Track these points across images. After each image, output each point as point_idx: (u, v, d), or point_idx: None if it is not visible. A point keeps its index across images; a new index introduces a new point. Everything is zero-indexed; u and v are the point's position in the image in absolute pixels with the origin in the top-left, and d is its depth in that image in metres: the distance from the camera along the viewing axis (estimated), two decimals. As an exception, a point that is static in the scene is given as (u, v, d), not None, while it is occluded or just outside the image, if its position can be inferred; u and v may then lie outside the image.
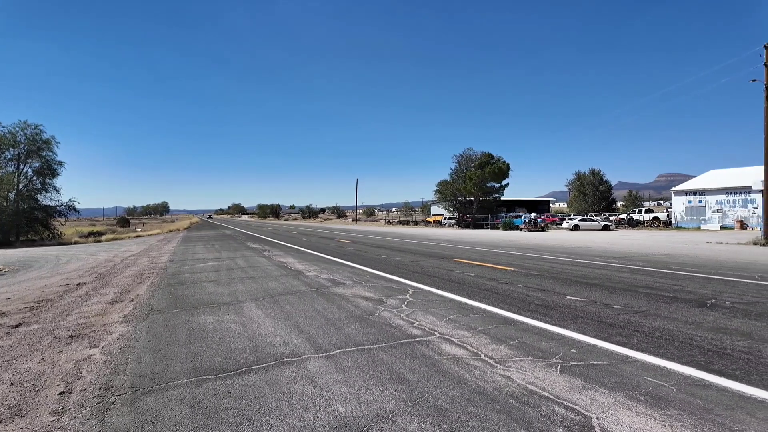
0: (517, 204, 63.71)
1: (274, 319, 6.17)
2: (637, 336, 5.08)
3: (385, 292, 8.04)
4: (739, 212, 36.26)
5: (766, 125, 20.81)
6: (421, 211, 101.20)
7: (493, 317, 6.10)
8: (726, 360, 4.24)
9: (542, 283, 8.96)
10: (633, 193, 77.96)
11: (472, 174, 50.07)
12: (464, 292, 7.95)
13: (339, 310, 6.64)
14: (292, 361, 4.38)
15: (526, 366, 4.14)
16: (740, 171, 39.37)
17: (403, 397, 3.46)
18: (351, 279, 9.78)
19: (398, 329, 5.49)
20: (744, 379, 3.74)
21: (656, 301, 7.01)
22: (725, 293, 7.69)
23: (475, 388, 3.64)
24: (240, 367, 4.26)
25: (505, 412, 3.19)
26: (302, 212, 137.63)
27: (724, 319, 5.85)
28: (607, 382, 3.73)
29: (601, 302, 7.00)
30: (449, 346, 4.77)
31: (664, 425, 2.96)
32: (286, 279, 10.01)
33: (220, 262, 13.97)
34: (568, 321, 5.82)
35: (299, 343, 4.96)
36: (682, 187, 42.44)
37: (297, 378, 3.93)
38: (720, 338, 4.95)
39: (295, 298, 7.68)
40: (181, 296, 8.15)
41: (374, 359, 4.36)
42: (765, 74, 20.74)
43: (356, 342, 4.95)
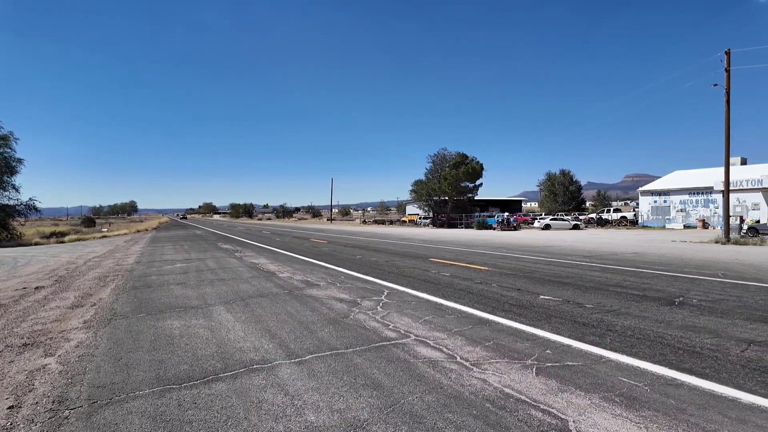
0: (491, 203, 64.54)
1: (244, 323, 5.95)
2: (610, 335, 5.13)
3: (360, 294, 7.91)
4: (702, 212, 37.72)
5: (726, 128, 21.68)
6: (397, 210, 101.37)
7: (469, 318, 6.06)
8: (696, 358, 4.31)
9: (516, 283, 9.02)
10: (601, 193, 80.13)
11: (447, 174, 50.42)
12: (439, 293, 7.91)
13: (312, 312, 6.47)
14: (263, 367, 4.21)
15: (502, 368, 4.09)
16: (703, 172, 40.96)
17: (378, 404, 3.35)
18: (325, 280, 9.61)
19: (373, 332, 5.38)
20: (714, 378, 3.80)
21: (627, 300, 7.13)
22: (692, 291, 7.90)
23: (452, 392, 3.56)
24: (207, 375, 4.06)
25: (482, 418, 3.12)
26: (276, 212, 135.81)
27: (692, 317, 5.98)
28: (583, 383, 3.71)
29: (573, 301, 7.07)
30: (425, 349, 4.69)
31: (640, 427, 2.95)
32: (258, 281, 9.75)
33: (190, 264, 13.54)
34: (542, 321, 5.84)
35: (270, 349, 4.78)
36: (648, 187, 43.87)
37: (267, 386, 3.76)
38: (689, 336, 5.04)
39: (267, 300, 7.47)
40: (147, 300, 7.81)
41: (348, 364, 4.24)
42: (725, 79, 21.59)
43: (330, 346, 4.81)
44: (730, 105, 21.56)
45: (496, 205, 64.79)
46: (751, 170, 35.11)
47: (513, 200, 75.81)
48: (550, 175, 68.58)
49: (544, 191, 69.15)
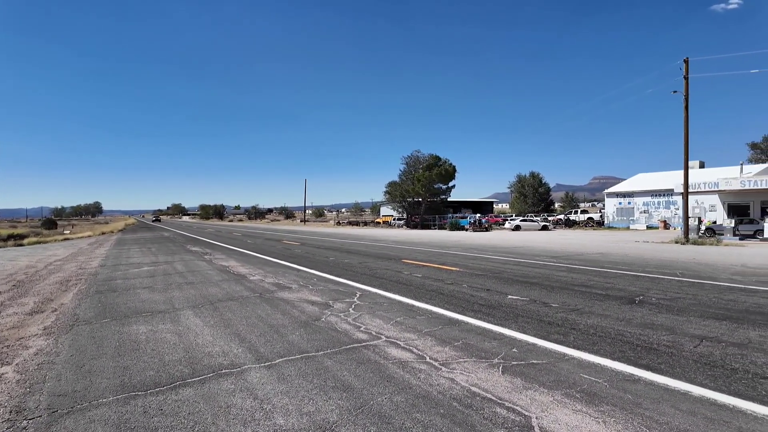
0: (463, 205, 65.38)
1: (213, 327, 5.87)
2: (574, 333, 5.31)
3: (332, 296, 7.91)
4: (663, 213, 39.29)
5: (685, 133, 22.67)
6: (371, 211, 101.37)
7: (439, 318, 6.16)
8: (653, 354, 4.51)
9: (486, 283, 9.20)
10: (569, 194, 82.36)
11: (420, 176, 50.80)
12: (411, 294, 7.99)
13: (283, 316, 6.44)
14: (231, 372, 4.18)
15: (469, 367, 4.19)
16: (664, 174, 42.65)
17: (347, 406, 3.38)
18: (297, 283, 9.55)
19: (344, 334, 5.40)
20: (668, 373, 3.99)
21: (591, 299, 7.38)
22: (651, 290, 8.24)
23: (420, 392, 3.63)
24: (174, 380, 4.00)
25: (449, 416, 3.19)
26: (248, 213, 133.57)
27: (651, 315, 6.25)
28: (546, 380, 3.84)
29: (540, 301, 7.27)
30: (395, 350, 4.74)
31: (598, 422, 3.09)
32: (228, 284, 9.61)
33: (157, 267, 13.20)
34: (509, 320, 5.99)
35: (239, 353, 4.74)
36: (614, 189, 45.37)
37: (236, 390, 3.74)
38: (647, 333, 5.28)
39: (237, 304, 7.38)
40: (112, 305, 7.59)
41: (319, 367, 4.25)
42: (684, 86, 22.58)
43: (300, 349, 4.81)
44: (688, 111, 22.56)
45: (468, 207, 65.69)
46: (708, 173, 36.82)
47: (485, 202, 77.05)
48: (521, 177, 70.04)
49: (515, 193, 70.55)
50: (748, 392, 3.56)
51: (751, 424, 3.04)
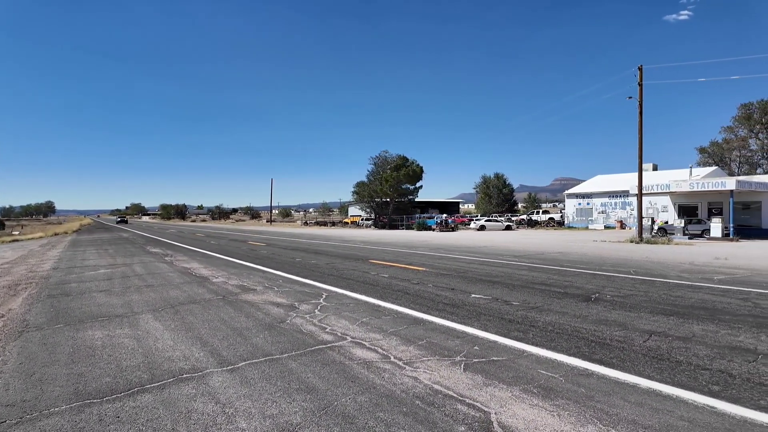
0: (430, 205, 66.14)
1: (173, 331, 5.73)
2: (533, 331, 5.50)
3: (298, 297, 7.86)
4: (619, 213, 41.03)
5: (639, 137, 23.78)
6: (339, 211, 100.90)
7: (405, 318, 6.24)
8: (606, 349, 4.74)
9: (451, 282, 9.37)
10: (532, 195, 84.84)
11: (388, 176, 51.02)
12: (378, 294, 8.04)
13: (247, 318, 6.35)
14: (193, 376, 4.10)
15: (432, 365, 4.27)
16: (621, 176, 44.50)
17: (311, 408, 3.39)
18: (262, 284, 9.43)
19: (309, 336, 5.39)
20: (619, 367, 4.21)
21: (550, 297, 7.65)
22: (607, 288, 8.63)
23: (384, 391, 3.68)
24: (132, 387, 3.89)
25: (411, 415, 3.26)
26: (212, 213, 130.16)
27: (605, 311, 6.55)
28: (506, 377, 3.97)
29: (502, 299, 7.48)
30: (360, 350, 4.78)
31: (553, 415, 3.22)
32: (190, 286, 9.37)
33: (115, 269, 12.71)
34: (472, 319, 6.14)
35: (201, 357, 4.65)
36: (574, 190, 47.00)
37: (197, 395, 3.67)
38: (601, 329, 5.53)
39: (199, 307, 7.22)
40: (65, 309, 7.26)
41: (283, 369, 4.23)
42: (639, 93, 23.68)
43: (264, 352, 4.77)
44: (642, 116, 23.67)
45: (435, 207, 66.51)
46: (661, 176, 38.74)
47: (451, 202, 78.22)
48: (486, 178, 71.50)
49: (480, 194, 71.96)
50: (690, 383, 3.80)
51: (692, 412, 3.26)
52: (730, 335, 5.23)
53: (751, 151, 50.94)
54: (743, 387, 3.71)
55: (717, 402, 3.41)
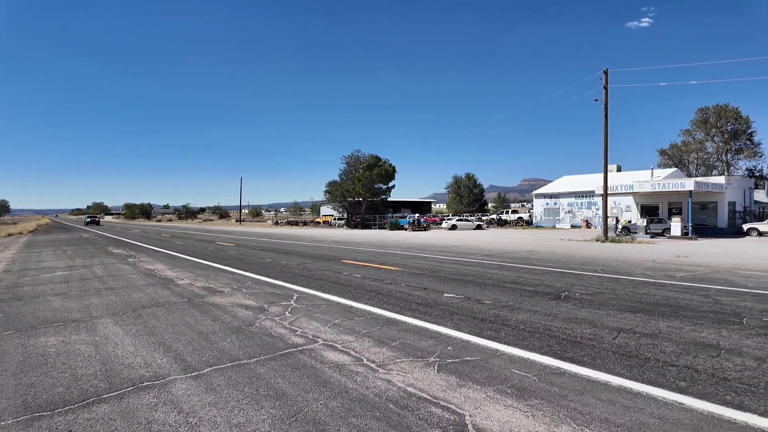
0: (403, 205, 66.36)
1: (135, 336, 5.44)
2: (505, 329, 5.51)
3: (267, 299, 7.65)
4: (585, 213, 42.22)
5: (605, 139, 24.49)
6: (311, 211, 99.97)
7: (377, 319, 6.14)
8: (577, 347, 4.78)
9: (423, 282, 9.34)
10: (501, 195, 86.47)
11: (361, 175, 50.84)
12: (350, 295, 7.92)
13: (214, 321, 6.11)
14: (154, 384, 3.88)
15: (406, 367, 4.20)
16: (587, 177, 45.81)
17: (281, 415, 3.25)
18: (230, 286, 9.14)
19: (279, 339, 5.22)
20: (590, 364, 4.24)
21: (521, 295, 7.72)
22: (575, 286, 8.78)
23: (356, 395, 3.57)
24: (87, 396, 3.64)
25: (384, 419, 3.16)
26: (178, 212, 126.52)
27: (575, 309, 6.65)
28: (479, 377, 3.94)
29: (474, 298, 7.49)
30: (332, 353, 4.65)
31: (527, 416, 3.20)
32: (154, 289, 8.99)
33: (73, 272, 12.09)
34: (445, 318, 6.10)
35: (164, 363, 4.42)
36: (541, 190, 48.07)
37: (158, 404, 3.47)
38: (572, 327, 5.59)
39: (163, 310, 6.91)
40: (16, 314, 6.82)
41: (251, 375, 4.06)
42: (604, 96, 24.38)
43: (231, 357, 4.57)
44: (608, 118, 24.38)
45: (408, 207, 66.78)
46: (625, 176, 40.06)
47: (423, 202, 78.74)
48: (457, 178, 72.33)
49: (452, 193, 72.74)
50: (658, 379, 3.86)
51: (662, 409, 3.29)
52: (694, 331, 5.38)
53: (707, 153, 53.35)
54: (709, 382, 3.79)
55: (685, 398, 3.47)
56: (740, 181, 34.41)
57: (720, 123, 50.96)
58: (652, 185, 28.77)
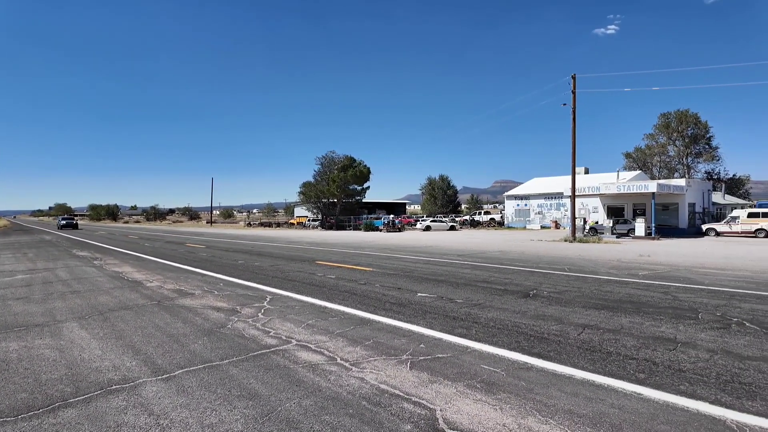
0: (378, 206, 66.46)
1: (102, 340, 5.32)
2: (476, 327, 5.65)
3: (240, 301, 7.58)
4: (555, 214, 43.31)
5: (573, 142, 25.22)
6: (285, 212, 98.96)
7: (351, 319, 6.19)
8: (544, 343, 4.95)
9: (397, 282, 9.43)
10: (474, 196, 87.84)
11: (335, 176, 50.66)
12: (324, 296, 7.93)
13: (185, 324, 6.02)
14: (123, 387, 3.82)
15: (379, 365, 4.26)
16: (556, 179, 47.01)
17: (253, 414, 3.26)
18: (201, 288, 9.00)
19: (252, 340, 5.20)
20: (556, 359, 4.41)
21: (491, 294, 7.91)
22: (544, 284, 9.05)
23: (330, 394, 3.61)
24: (53, 402, 3.55)
25: (358, 416, 3.22)
26: (146, 213, 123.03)
27: (543, 307, 6.86)
28: (450, 373, 4.04)
29: (446, 297, 7.63)
30: (306, 353, 4.67)
31: (496, 409, 3.31)
32: (122, 291, 8.77)
33: (35, 275, 11.63)
34: (418, 317, 6.20)
35: (133, 366, 4.35)
36: (512, 192, 49.04)
37: (128, 407, 3.42)
38: (539, 324, 5.78)
39: (132, 313, 6.76)
40: (-27, 320, 6.53)
41: (223, 376, 4.04)
42: (572, 100, 25.11)
43: (203, 359, 4.54)
44: (576, 122, 25.12)
45: (382, 208, 66.92)
46: (592, 179, 41.31)
47: (398, 203, 79.07)
48: (431, 180, 73.02)
49: (426, 195, 73.39)
50: (619, 372, 4.05)
51: (621, 399, 3.47)
52: (653, 326, 5.64)
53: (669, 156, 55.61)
54: (665, 374, 4.01)
55: (643, 389, 3.65)
56: (699, 183, 36.03)
57: (681, 128, 53.23)
58: (617, 187, 29.80)
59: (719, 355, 4.50)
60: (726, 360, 4.36)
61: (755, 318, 6.04)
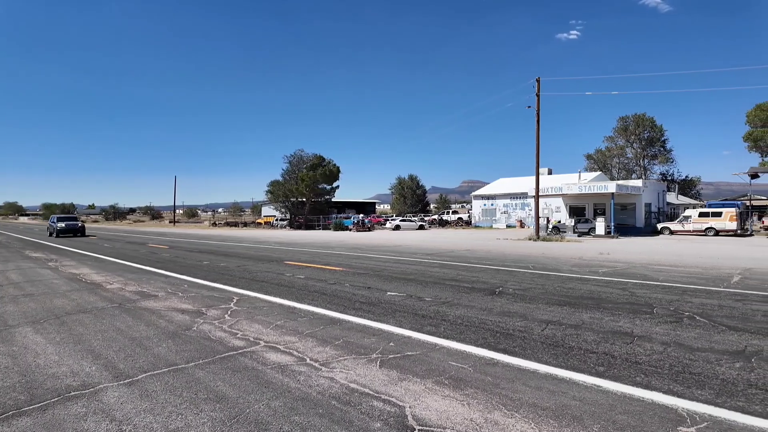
0: (347, 205, 66.28)
1: (59, 345, 5.09)
2: (444, 324, 5.74)
3: (205, 303, 7.41)
4: (519, 213, 44.45)
5: (537, 143, 25.93)
6: (252, 212, 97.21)
7: (321, 319, 6.17)
8: (509, 339, 5.09)
9: (367, 281, 9.46)
10: (443, 196, 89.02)
11: (304, 175, 50.19)
12: (293, 296, 7.86)
13: (148, 327, 5.84)
14: (83, 393, 3.67)
15: (349, 365, 4.27)
16: (521, 180, 48.19)
17: (221, 417, 3.21)
18: (165, 290, 8.74)
19: (219, 342, 5.10)
20: (521, 354, 4.55)
21: (459, 292, 8.05)
22: (509, 282, 9.28)
23: (299, 394, 3.60)
24: (5, 410, 3.38)
25: (327, 416, 3.22)
26: (105, 213, 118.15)
27: (508, 304, 7.05)
28: (419, 370, 4.10)
29: (416, 296, 7.71)
30: (274, 354, 4.63)
31: (464, 404, 3.39)
32: (80, 294, 8.41)
33: (-17, 278, 10.99)
34: (388, 316, 6.25)
35: (93, 371, 4.19)
36: (479, 192, 50.00)
37: (88, 414, 3.30)
38: (505, 321, 5.94)
39: (91, 317, 6.50)
40: None
41: (189, 379, 3.95)
42: (537, 103, 25.82)
43: (168, 362, 4.42)
44: (540, 124, 25.85)
45: (352, 207, 66.77)
46: (555, 179, 42.62)
47: (368, 202, 79.11)
48: (401, 179, 73.50)
49: (395, 194, 73.80)
50: (580, 366, 4.21)
51: (582, 392, 3.61)
52: (612, 321, 5.90)
53: (627, 158, 58.03)
54: (623, 366, 4.20)
55: (602, 381, 3.82)
56: (655, 184, 37.79)
57: (638, 131, 55.66)
58: (579, 188, 30.88)
59: (672, 348, 4.75)
60: (678, 352, 4.61)
61: (704, 312, 6.41)
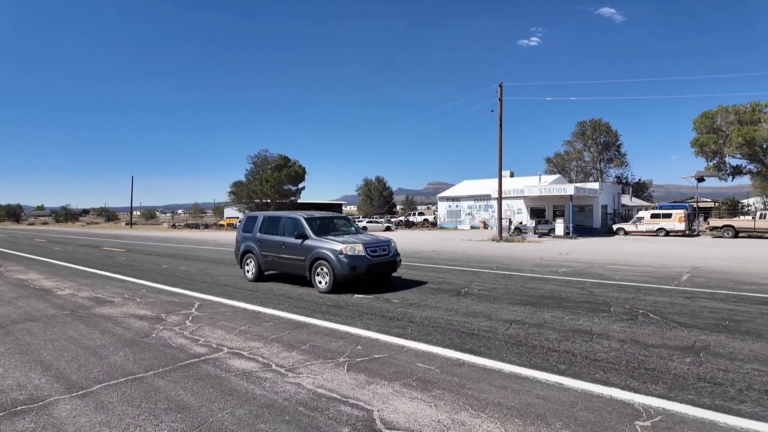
0: (314, 207, 65.58)
1: (4, 356, 4.77)
2: (411, 326, 5.77)
3: (165, 308, 7.14)
4: (483, 215, 45.33)
5: (500, 147, 26.54)
6: (214, 213, 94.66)
7: (287, 323, 6.07)
8: (474, 339, 5.18)
9: (333, 285, 9.37)
10: (409, 197, 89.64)
11: (269, 176, 49.34)
12: (258, 300, 7.70)
13: (103, 335, 5.57)
14: (31, 408, 3.46)
15: (316, 369, 4.22)
16: (485, 182, 49.17)
17: (183, 428, 3.10)
18: (121, 296, 8.36)
19: (180, 349, 4.93)
20: (486, 354, 4.63)
21: (426, 293, 8.12)
22: (474, 282, 9.44)
23: (265, 402, 3.52)
24: (-58, 430, 3.14)
25: (294, 422, 3.17)
26: (56, 214, 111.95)
27: (473, 304, 7.16)
28: (387, 373, 4.10)
29: (383, 298, 7.71)
30: (239, 361, 4.51)
31: (431, 406, 3.41)
32: (27, 301, 7.92)
33: None
34: (355, 319, 6.22)
35: (42, 384, 3.95)
36: (445, 194, 50.67)
37: (36, 429, 3.11)
38: (470, 321, 6.03)
39: (40, 325, 6.13)
40: None
41: (148, 389, 3.79)
42: (499, 107, 26.42)
43: (125, 371, 4.23)
44: (502, 128, 26.46)
45: (318, 209, 66.22)
46: (517, 182, 43.78)
47: (334, 204, 78.60)
48: (367, 181, 73.49)
49: (362, 196, 73.72)
50: (543, 364, 4.33)
51: (545, 390, 3.72)
52: (572, 320, 6.10)
53: (585, 162, 60.29)
54: (583, 364, 4.35)
55: (564, 379, 3.94)
56: (611, 187, 39.43)
57: (595, 135, 57.96)
58: (539, 190, 31.83)
59: (628, 344, 4.96)
60: (634, 348, 4.82)
61: (657, 309, 6.73)
